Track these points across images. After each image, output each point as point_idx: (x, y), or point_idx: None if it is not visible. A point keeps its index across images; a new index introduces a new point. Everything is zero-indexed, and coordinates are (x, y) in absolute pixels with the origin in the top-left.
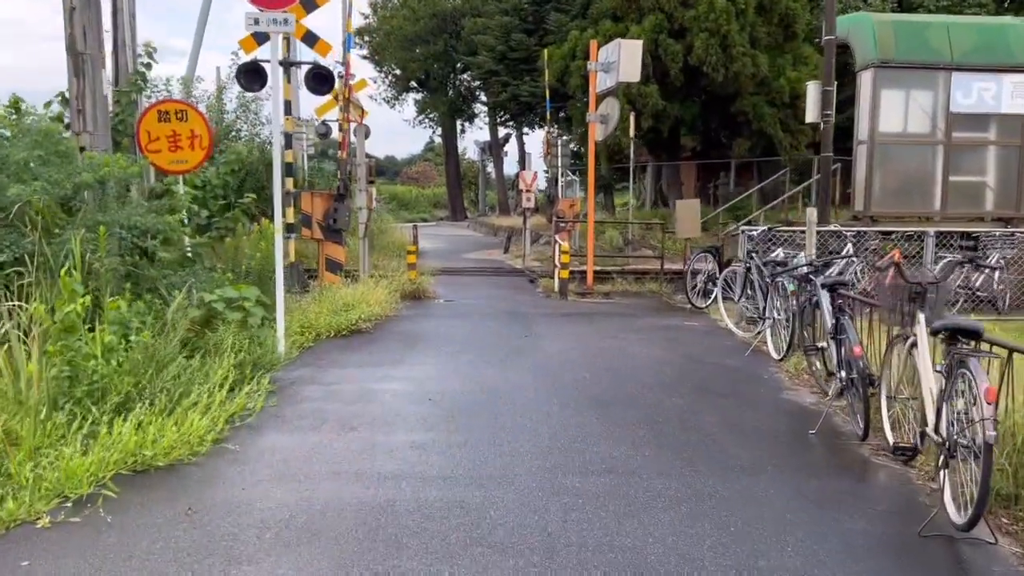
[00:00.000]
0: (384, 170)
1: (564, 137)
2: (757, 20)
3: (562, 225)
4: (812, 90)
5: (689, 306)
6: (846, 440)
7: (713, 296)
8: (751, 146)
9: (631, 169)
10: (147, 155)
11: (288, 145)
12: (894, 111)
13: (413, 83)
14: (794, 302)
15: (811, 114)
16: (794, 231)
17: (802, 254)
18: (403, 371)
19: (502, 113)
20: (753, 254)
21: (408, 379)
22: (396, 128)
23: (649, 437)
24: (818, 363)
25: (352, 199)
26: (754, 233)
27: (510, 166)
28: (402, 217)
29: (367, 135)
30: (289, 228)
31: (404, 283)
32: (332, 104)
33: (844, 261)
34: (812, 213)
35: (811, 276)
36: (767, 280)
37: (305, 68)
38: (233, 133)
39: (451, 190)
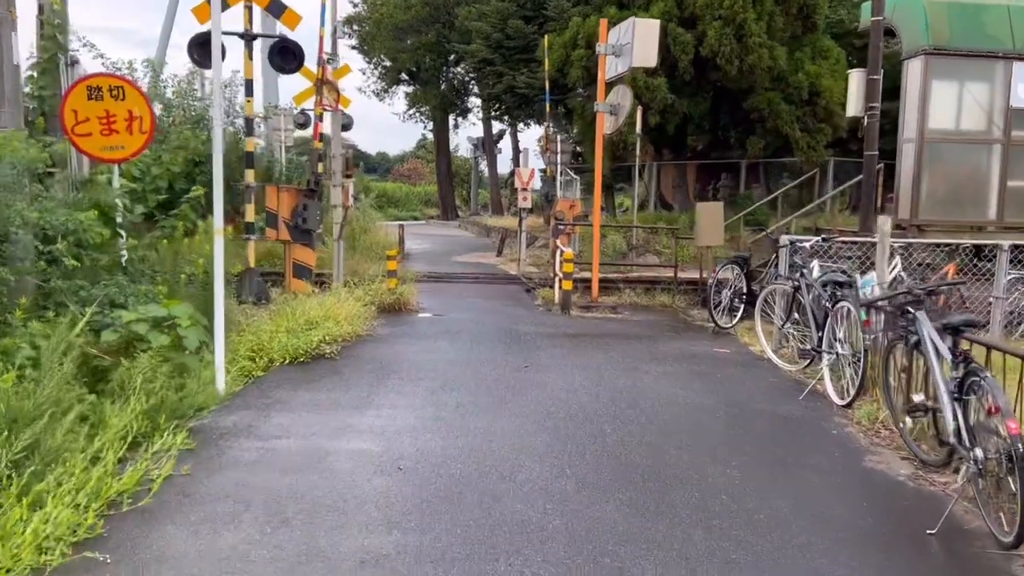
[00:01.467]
0: (376, 167)
1: (564, 133)
2: (775, 9)
3: (561, 228)
4: (856, 80)
5: (712, 326)
6: (981, 546)
7: (739, 315)
8: (764, 145)
9: (635, 168)
10: (73, 139)
11: (249, 132)
12: (946, 105)
13: (404, 75)
14: (867, 334)
15: (853, 107)
16: (854, 242)
17: (870, 273)
18: (368, 419)
19: (497, 106)
20: (803, 270)
21: (373, 432)
22: (389, 124)
23: (706, 542)
24: (908, 420)
25: (326, 195)
26: (805, 245)
27: (504, 164)
28: (391, 215)
29: (348, 125)
30: (248, 228)
31: (383, 293)
32: (312, 92)
33: (894, 275)
34: (885, 222)
35: (908, 308)
36: (826, 304)
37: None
38: (205, 121)
39: (442, 188)
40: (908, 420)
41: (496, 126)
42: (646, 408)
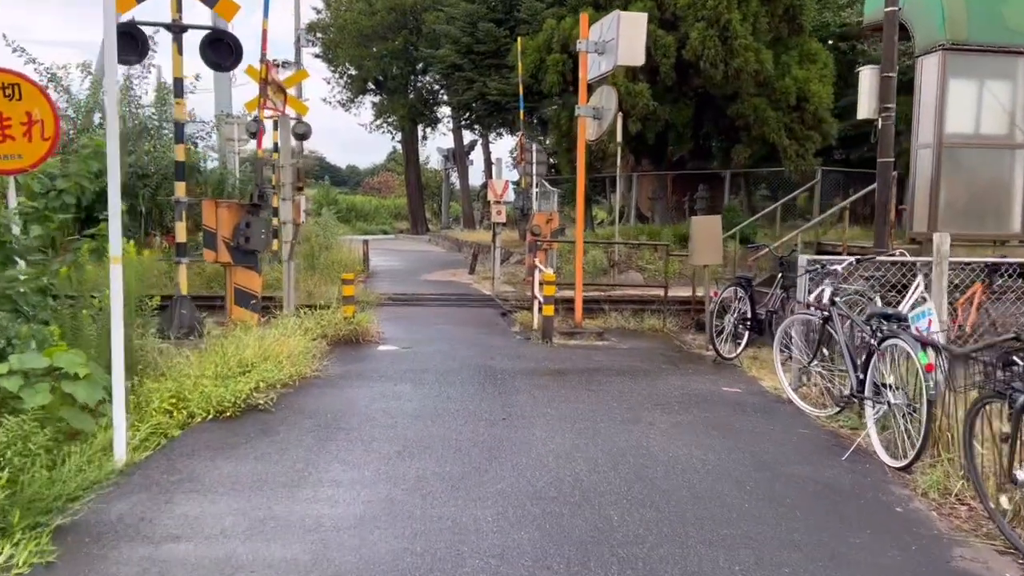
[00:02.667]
0: (345, 180)
1: (538, 143)
2: (760, 10)
3: (539, 244)
4: (867, 78)
5: (712, 354)
6: None
7: (743, 343)
8: (750, 155)
9: (618, 179)
10: None
11: (179, 138)
12: (965, 106)
13: (370, 84)
14: (931, 382)
15: (865, 108)
16: (894, 263)
17: (926, 304)
18: (301, 504)
19: (467, 115)
20: (836, 298)
21: (305, 527)
22: (358, 138)
23: None
24: (1004, 501)
25: (274, 211)
26: (836, 268)
27: (476, 176)
28: (360, 229)
29: (306, 134)
30: (180, 250)
31: (338, 322)
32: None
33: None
34: (944, 241)
35: (1017, 359)
36: (869, 341)
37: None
38: (151, 130)
39: (412, 201)
40: (1004, 500)
41: (467, 137)
42: (658, 480)
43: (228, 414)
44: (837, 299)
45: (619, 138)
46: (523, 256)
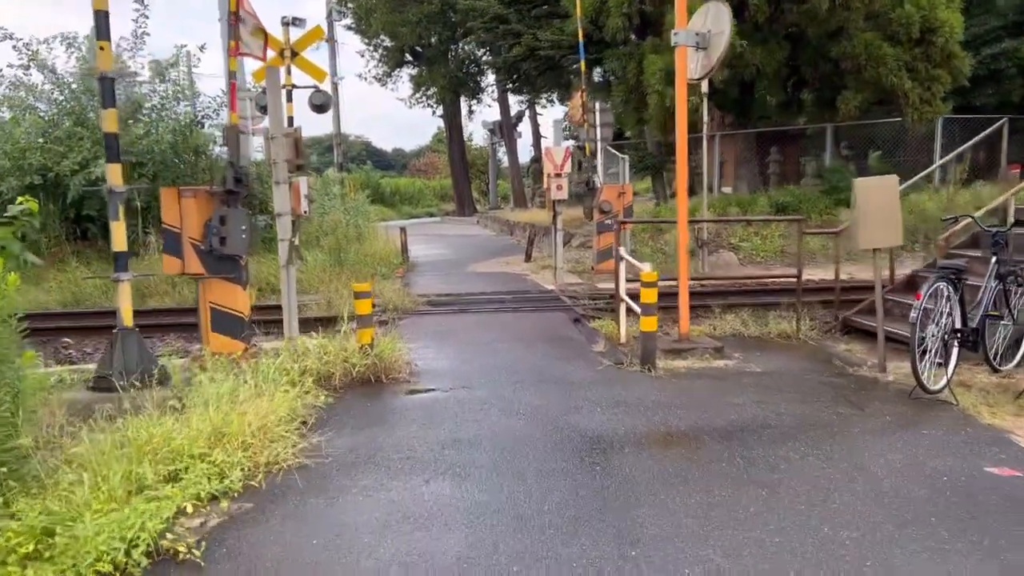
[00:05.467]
0: (392, 163)
1: (604, 101)
2: None
3: (609, 223)
4: None
5: (914, 387)
6: None
7: (952, 365)
8: (860, 102)
9: (705, 139)
10: None
11: (109, 101)
12: None
13: (407, 56)
14: None
15: None
16: None
17: None
18: None
19: (515, 77)
20: None
21: None
22: (407, 120)
23: None
24: None
25: (263, 200)
26: None
27: (524, 151)
28: (405, 213)
29: (325, 105)
30: (118, 261)
31: (352, 353)
32: (276, 61)
33: None
34: None
35: None
36: None
37: None
38: (147, 110)
39: (456, 180)
40: None
41: (514, 108)
42: None
43: (129, 571)
44: None
45: (704, 87)
46: (587, 238)
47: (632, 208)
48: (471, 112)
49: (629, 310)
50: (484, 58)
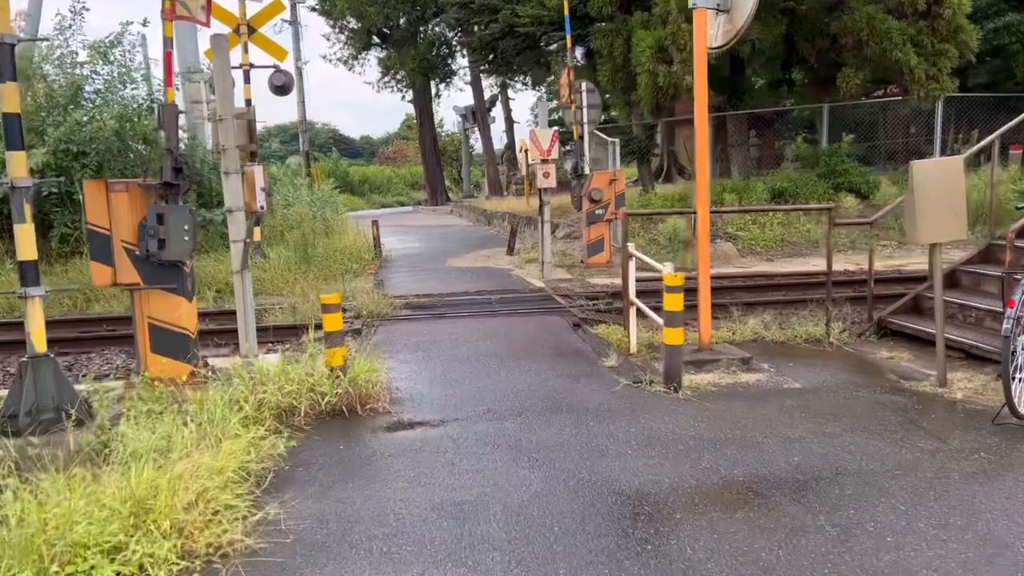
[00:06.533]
0: (360, 151)
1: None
2: None
3: (599, 212)
4: None
5: (1001, 408)
6: None
7: None
8: (861, 80)
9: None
10: None
11: (8, 72)
12: None
13: (375, 37)
14: None
15: None
16: None
17: None
18: None
19: (491, 57)
20: None
21: None
22: (375, 107)
23: None
24: None
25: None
26: None
27: (496, 138)
28: (375, 202)
29: (286, 86)
30: (24, 274)
31: (319, 379)
32: (234, 40)
33: None
34: None
35: None
36: None
37: None
38: (90, 95)
39: (428, 167)
40: None
41: (487, 92)
42: None
43: None
44: None
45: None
46: (572, 228)
47: (624, 196)
48: (438, 96)
49: (639, 313)
50: (456, 39)
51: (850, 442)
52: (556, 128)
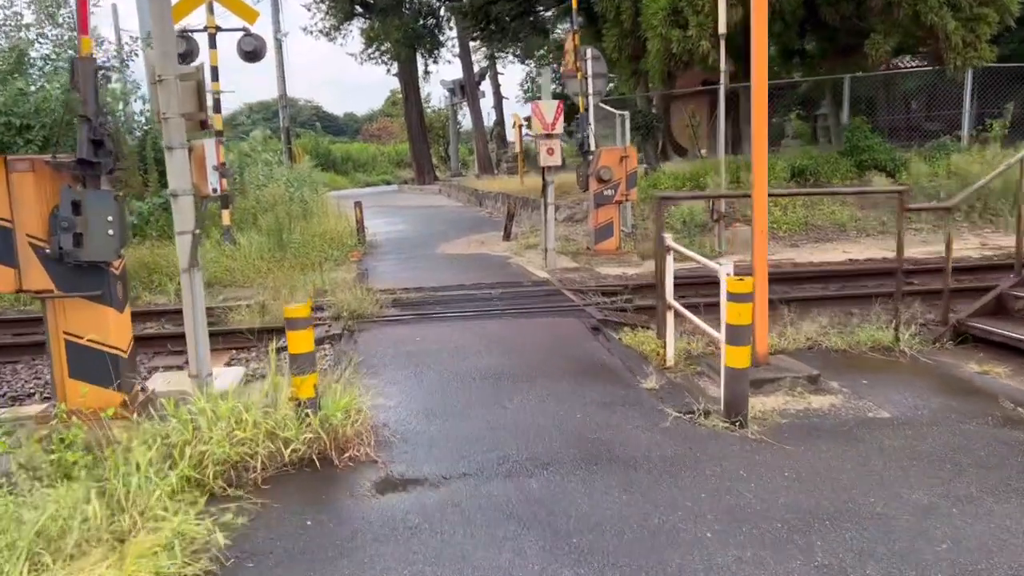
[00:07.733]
0: (344, 128)
1: (594, 47)
2: None
3: (608, 193)
4: None
5: None
6: None
7: None
8: (893, 47)
9: (722, 93)
10: None
11: None
12: None
13: (357, 6)
14: None
15: None
16: None
17: None
18: None
19: (484, 24)
20: None
21: None
22: (358, 83)
23: None
24: None
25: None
26: None
27: (485, 114)
28: (359, 181)
29: (257, 52)
30: None
31: (285, 418)
32: (196, 2)
33: None
34: None
35: None
36: None
37: None
38: (35, 61)
39: (415, 146)
40: None
41: (477, 63)
42: None
43: None
44: None
45: (722, 27)
46: (573, 210)
47: (636, 176)
48: (427, 73)
49: (677, 315)
50: (443, 6)
51: (1000, 512)
52: (559, 101)
